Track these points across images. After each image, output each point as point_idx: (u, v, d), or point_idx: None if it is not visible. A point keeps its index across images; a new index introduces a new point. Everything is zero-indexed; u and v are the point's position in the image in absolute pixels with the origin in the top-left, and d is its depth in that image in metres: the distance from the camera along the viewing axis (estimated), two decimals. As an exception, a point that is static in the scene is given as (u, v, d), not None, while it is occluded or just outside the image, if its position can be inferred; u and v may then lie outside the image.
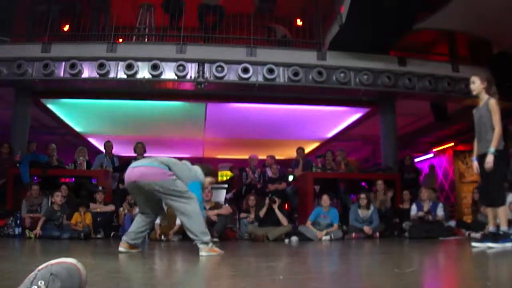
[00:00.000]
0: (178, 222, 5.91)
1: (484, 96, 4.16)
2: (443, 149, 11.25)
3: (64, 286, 1.15)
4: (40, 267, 1.19)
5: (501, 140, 3.95)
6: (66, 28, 8.10)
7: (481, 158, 4.05)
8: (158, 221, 5.96)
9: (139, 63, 6.81)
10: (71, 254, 3.57)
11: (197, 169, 3.61)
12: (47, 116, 8.88)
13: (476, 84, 4.18)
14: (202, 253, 3.31)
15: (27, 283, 1.14)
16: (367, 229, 6.07)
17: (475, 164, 4.20)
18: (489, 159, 3.89)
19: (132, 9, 8.37)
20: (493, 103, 4.02)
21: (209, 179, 3.81)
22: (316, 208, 6.25)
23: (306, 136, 10.90)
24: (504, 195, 4.06)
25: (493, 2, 6.13)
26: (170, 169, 3.41)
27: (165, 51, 7.05)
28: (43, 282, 1.13)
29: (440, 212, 6.20)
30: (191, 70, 6.94)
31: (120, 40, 7.41)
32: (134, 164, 3.60)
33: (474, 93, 4.25)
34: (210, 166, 3.98)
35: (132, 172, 3.45)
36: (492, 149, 3.90)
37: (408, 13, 6.26)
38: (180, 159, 3.71)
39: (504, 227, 3.85)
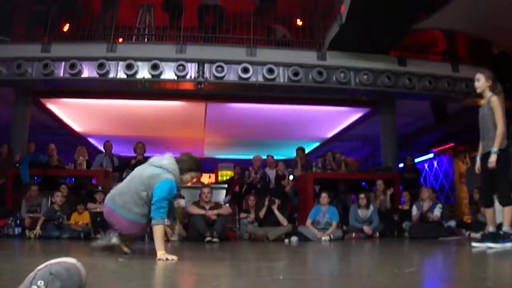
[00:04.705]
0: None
1: (488, 94, 3.99)
2: (443, 149, 11.25)
3: (64, 286, 1.15)
4: (39, 267, 1.19)
5: (504, 139, 3.79)
6: (66, 28, 8.10)
7: (485, 157, 3.92)
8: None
9: (139, 63, 6.82)
10: (71, 254, 3.57)
11: (167, 168, 3.12)
12: (47, 116, 8.88)
13: (481, 82, 4.02)
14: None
15: (26, 283, 1.14)
16: (367, 229, 6.07)
17: (478, 163, 4.10)
18: (492, 159, 3.76)
19: (132, 9, 8.37)
20: (494, 100, 3.86)
21: (186, 177, 3.25)
22: (315, 206, 6.24)
23: (306, 136, 10.90)
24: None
25: (493, 2, 6.13)
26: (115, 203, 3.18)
27: (165, 51, 7.06)
28: (42, 282, 1.13)
29: (437, 212, 6.13)
30: (191, 70, 6.95)
31: (120, 40, 7.41)
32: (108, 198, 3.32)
33: (478, 91, 4.09)
34: (191, 159, 3.27)
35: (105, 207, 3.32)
36: (494, 148, 3.76)
37: (408, 13, 6.26)
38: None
39: (507, 227, 3.75)
